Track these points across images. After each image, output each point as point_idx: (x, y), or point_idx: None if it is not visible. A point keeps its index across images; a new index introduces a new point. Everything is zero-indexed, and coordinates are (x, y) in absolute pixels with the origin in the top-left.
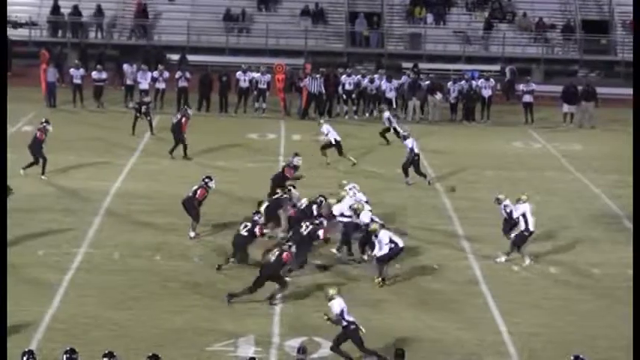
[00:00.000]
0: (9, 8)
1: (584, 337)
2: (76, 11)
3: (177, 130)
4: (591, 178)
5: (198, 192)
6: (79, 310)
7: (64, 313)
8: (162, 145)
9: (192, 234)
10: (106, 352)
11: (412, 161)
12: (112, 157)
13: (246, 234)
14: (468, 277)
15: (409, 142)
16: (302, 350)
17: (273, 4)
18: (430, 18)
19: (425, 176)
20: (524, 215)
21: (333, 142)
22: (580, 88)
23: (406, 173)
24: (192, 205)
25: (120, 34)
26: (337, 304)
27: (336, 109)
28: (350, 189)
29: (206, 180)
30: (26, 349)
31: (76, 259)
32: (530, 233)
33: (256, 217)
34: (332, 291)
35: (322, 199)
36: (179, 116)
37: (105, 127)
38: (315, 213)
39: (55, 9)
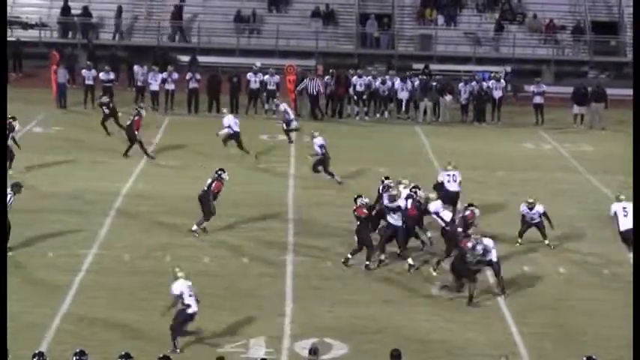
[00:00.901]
0: (19, 9)
1: (595, 337)
2: (86, 12)
3: (130, 130)
4: (601, 179)
5: (214, 185)
6: (89, 311)
7: (74, 315)
8: (173, 147)
9: (194, 227)
10: (123, 353)
11: (322, 161)
12: (123, 158)
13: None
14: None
15: (318, 141)
16: (313, 351)
17: (284, 6)
18: (441, 19)
19: (333, 175)
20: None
21: (232, 133)
22: (590, 89)
23: (318, 171)
24: (207, 199)
25: (131, 35)
26: (178, 286)
27: (347, 109)
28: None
29: (219, 172)
30: (37, 351)
31: (85, 260)
32: None
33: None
34: (179, 272)
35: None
36: (133, 116)
37: (116, 128)
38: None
39: (65, 10)
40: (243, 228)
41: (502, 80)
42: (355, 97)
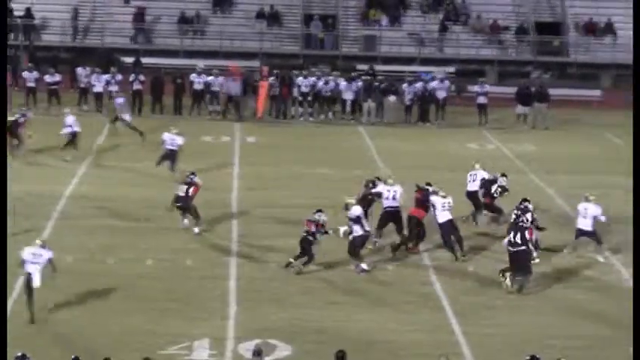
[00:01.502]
0: None
1: (539, 336)
2: (28, 14)
3: (14, 129)
4: (545, 179)
5: (191, 190)
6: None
7: (16, 317)
8: (116, 150)
9: (196, 230)
10: (19, 354)
11: (168, 155)
12: (66, 160)
13: None
14: (422, 278)
15: (166, 137)
16: (257, 353)
17: (228, 7)
18: (385, 20)
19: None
20: None
21: (73, 132)
22: (533, 89)
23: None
24: (188, 204)
25: (73, 37)
26: None
27: (292, 111)
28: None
29: (192, 177)
30: (19, 354)
31: None
32: None
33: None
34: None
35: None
36: (18, 116)
37: (58, 130)
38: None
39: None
40: (188, 230)
41: (446, 81)
42: (300, 98)
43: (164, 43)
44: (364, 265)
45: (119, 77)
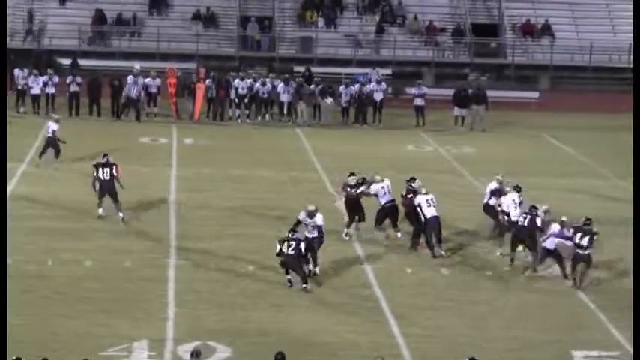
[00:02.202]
0: None
1: (478, 338)
2: None
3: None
4: (483, 181)
5: (116, 169)
6: None
7: None
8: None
9: (121, 215)
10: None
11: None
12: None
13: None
14: (361, 280)
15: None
16: (195, 354)
17: (165, 8)
18: (321, 22)
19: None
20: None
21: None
22: (470, 91)
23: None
24: (114, 188)
25: (11, 39)
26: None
27: (228, 113)
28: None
29: (106, 157)
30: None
31: None
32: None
33: None
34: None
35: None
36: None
37: None
38: None
39: None
40: (126, 231)
41: (383, 83)
42: (237, 100)
43: (101, 44)
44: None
45: (56, 79)
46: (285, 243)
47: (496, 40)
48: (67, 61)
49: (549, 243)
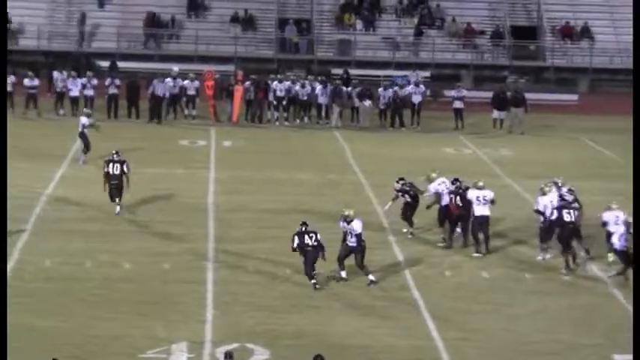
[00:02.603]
0: None
1: (517, 342)
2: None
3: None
4: (521, 184)
5: (126, 166)
6: (10, 318)
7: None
8: (92, 153)
9: (118, 209)
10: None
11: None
12: (43, 164)
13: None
14: (399, 282)
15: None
16: (229, 356)
17: (203, 11)
18: (360, 24)
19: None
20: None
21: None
22: (509, 94)
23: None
24: (121, 182)
25: (50, 41)
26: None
27: (267, 115)
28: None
29: (118, 155)
30: None
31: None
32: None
33: None
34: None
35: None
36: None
37: (35, 134)
38: None
39: None
40: (164, 234)
41: (421, 85)
42: (275, 103)
43: (140, 47)
44: (343, 274)
45: (95, 81)
46: (306, 236)
47: (535, 42)
48: (105, 64)
49: (620, 245)
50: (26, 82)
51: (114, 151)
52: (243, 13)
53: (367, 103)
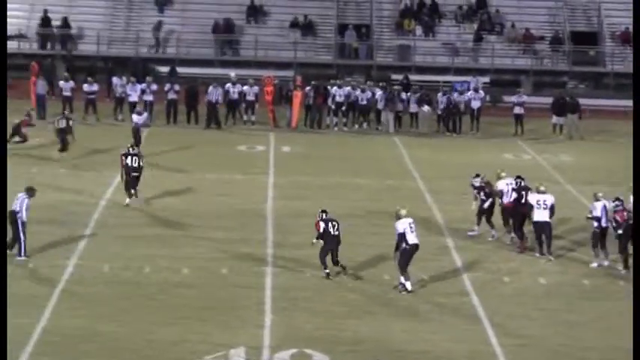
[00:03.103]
0: None
1: (574, 348)
2: (65, 23)
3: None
4: (580, 190)
5: (142, 160)
6: (70, 323)
7: (54, 326)
8: (152, 158)
9: (128, 201)
10: None
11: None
12: (102, 169)
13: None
14: (458, 288)
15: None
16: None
17: (262, 16)
18: (419, 30)
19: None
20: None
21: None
22: (568, 99)
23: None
24: (138, 177)
25: (109, 47)
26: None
27: (326, 120)
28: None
29: (135, 149)
30: None
31: (66, 271)
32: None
33: None
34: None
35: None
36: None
37: (94, 139)
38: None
39: (45, 21)
40: (223, 239)
41: (480, 91)
42: (334, 108)
43: (198, 52)
44: (408, 285)
45: (154, 87)
46: (330, 223)
47: (595, 48)
48: (165, 69)
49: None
50: (85, 87)
51: (129, 145)
52: (303, 19)
53: (426, 108)
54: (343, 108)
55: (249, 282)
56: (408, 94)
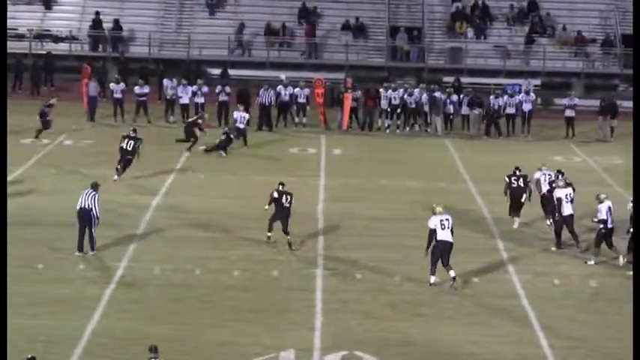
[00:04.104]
0: (50, 23)
1: (623, 350)
2: (116, 25)
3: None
4: (632, 193)
5: (140, 142)
6: (120, 324)
7: (104, 328)
8: (201, 161)
9: (116, 177)
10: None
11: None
12: (153, 172)
13: None
14: (508, 291)
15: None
16: (153, 349)
17: (314, 19)
18: (471, 32)
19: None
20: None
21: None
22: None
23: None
24: (131, 159)
25: (160, 49)
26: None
27: (378, 123)
28: None
29: (135, 132)
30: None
31: (116, 273)
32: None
33: None
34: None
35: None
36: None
37: (146, 141)
38: None
39: (96, 23)
40: (273, 241)
41: (532, 94)
42: (389, 110)
43: (251, 54)
44: (432, 279)
45: (205, 89)
46: (284, 195)
47: None
48: (216, 71)
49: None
50: (136, 89)
51: (132, 129)
52: (355, 21)
53: (477, 111)
54: (398, 110)
55: (299, 284)
56: (460, 96)
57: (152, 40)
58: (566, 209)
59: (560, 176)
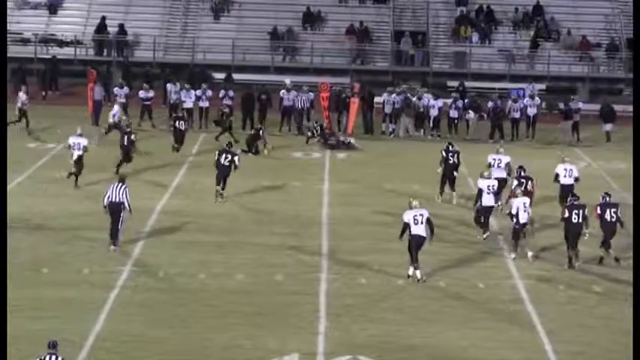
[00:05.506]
0: (55, 27)
1: (627, 356)
2: (121, 30)
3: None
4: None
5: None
6: (124, 328)
7: (108, 332)
8: (207, 164)
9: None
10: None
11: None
12: (157, 175)
13: None
14: (513, 295)
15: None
16: (52, 345)
17: (319, 23)
18: (475, 37)
19: None
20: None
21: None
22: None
23: None
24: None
25: (165, 53)
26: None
27: (382, 127)
28: None
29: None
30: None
31: (121, 277)
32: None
33: None
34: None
35: None
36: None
37: (149, 145)
38: None
39: (101, 28)
40: (278, 245)
41: (537, 98)
42: (391, 115)
43: (254, 59)
44: (418, 274)
45: (209, 93)
46: (223, 155)
47: None
48: (221, 76)
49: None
50: (141, 93)
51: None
52: (359, 25)
53: (470, 115)
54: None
55: (303, 288)
56: (465, 100)
57: (157, 44)
58: (487, 200)
59: (521, 172)
